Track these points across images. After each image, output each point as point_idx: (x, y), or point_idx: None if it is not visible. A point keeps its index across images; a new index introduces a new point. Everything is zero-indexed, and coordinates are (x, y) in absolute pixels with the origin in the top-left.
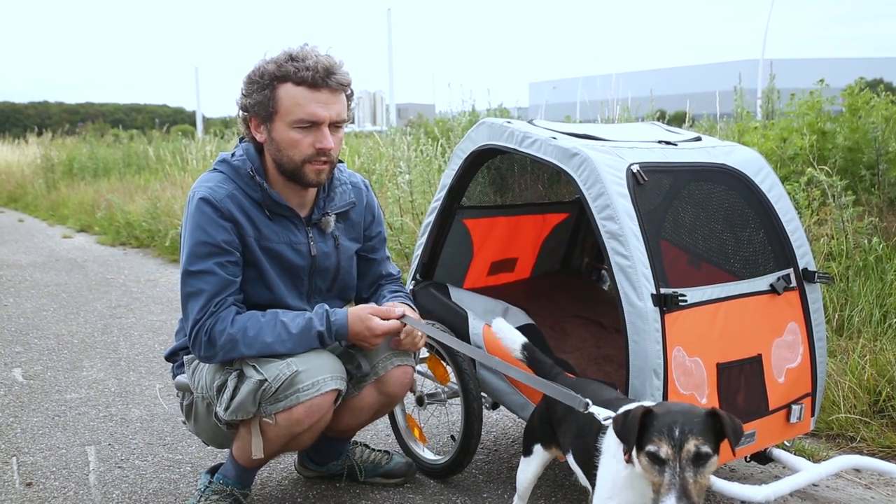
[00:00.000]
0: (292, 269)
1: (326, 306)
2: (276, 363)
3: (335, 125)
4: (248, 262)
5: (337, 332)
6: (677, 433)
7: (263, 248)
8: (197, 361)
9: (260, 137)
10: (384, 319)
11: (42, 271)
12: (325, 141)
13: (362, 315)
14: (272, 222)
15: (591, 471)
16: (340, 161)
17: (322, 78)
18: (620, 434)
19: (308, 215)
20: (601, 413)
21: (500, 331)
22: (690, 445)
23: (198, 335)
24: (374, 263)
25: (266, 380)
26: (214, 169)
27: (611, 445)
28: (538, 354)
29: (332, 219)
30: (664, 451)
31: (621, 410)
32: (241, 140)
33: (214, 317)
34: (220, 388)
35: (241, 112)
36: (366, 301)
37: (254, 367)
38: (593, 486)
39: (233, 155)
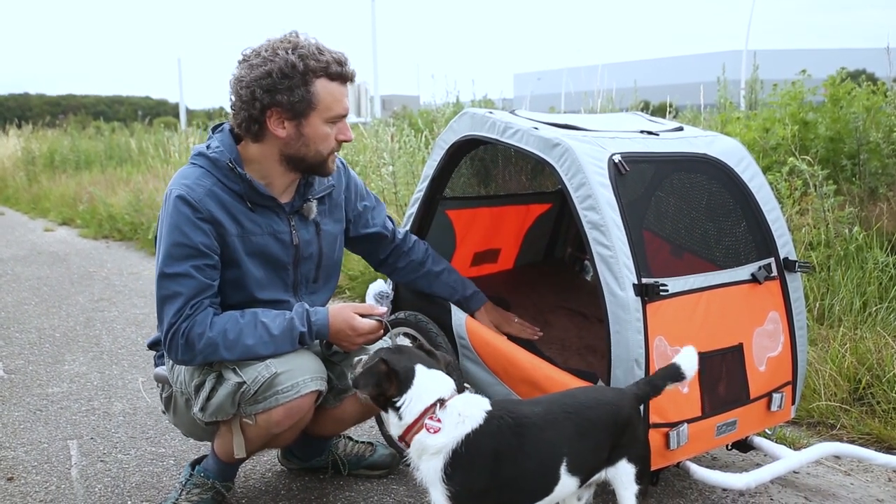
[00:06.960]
0: (277, 260)
1: (307, 305)
2: (255, 365)
3: None
4: (229, 262)
5: (318, 332)
6: None
7: (247, 243)
8: None
9: (281, 133)
10: (366, 317)
11: (23, 265)
12: (347, 133)
13: (345, 314)
14: (254, 213)
15: None
16: None
17: (345, 72)
18: None
19: (290, 202)
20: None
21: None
22: None
23: (174, 339)
24: (380, 236)
25: (245, 382)
26: (192, 163)
27: None
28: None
29: (313, 204)
30: None
31: None
32: (213, 130)
33: (190, 320)
34: (199, 388)
35: (257, 106)
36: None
37: (233, 369)
38: None
39: (208, 147)
